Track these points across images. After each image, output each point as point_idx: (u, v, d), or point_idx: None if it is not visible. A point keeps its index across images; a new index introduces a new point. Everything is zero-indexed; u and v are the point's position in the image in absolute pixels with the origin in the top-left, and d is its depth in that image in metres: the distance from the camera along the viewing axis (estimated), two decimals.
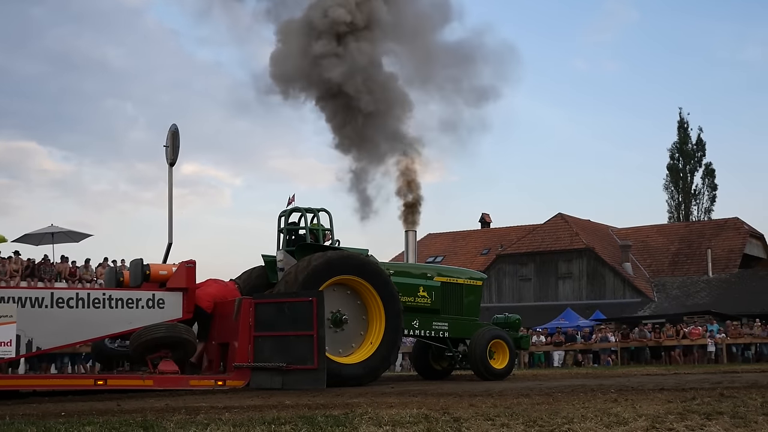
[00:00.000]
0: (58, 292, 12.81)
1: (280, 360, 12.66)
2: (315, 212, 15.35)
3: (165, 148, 14.80)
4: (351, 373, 13.70)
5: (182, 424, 6.31)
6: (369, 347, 14.26)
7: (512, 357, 16.37)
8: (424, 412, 7.17)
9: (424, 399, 9.47)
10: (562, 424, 5.99)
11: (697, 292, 39.55)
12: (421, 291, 16.13)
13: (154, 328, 12.76)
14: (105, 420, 6.80)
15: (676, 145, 57.93)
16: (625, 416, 6.46)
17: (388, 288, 14.50)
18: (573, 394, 9.71)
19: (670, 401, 8.05)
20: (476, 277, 17.86)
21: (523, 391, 10.57)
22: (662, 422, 6.03)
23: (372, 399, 9.60)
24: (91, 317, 12.63)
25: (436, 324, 16.22)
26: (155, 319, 12.93)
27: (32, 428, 5.93)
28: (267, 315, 13.04)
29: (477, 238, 48.71)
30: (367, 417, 6.70)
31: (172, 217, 14.66)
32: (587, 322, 33.80)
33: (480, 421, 6.29)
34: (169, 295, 13.26)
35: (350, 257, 14.50)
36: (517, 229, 46.93)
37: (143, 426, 6.10)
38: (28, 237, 29.61)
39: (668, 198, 58.21)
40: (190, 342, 13.11)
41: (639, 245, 43.67)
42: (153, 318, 12.89)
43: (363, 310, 14.48)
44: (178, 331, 12.93)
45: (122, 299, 12.89)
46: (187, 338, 13.06)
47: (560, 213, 44.33)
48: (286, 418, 6.70)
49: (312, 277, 13.62)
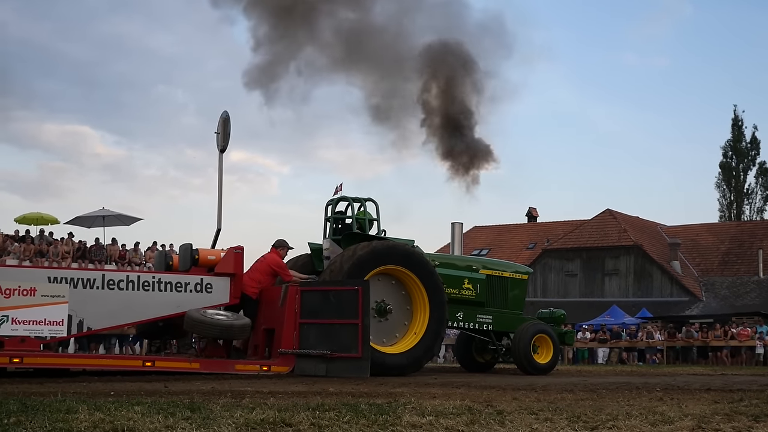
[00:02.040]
0: (109, 274, 13.03)
1: (325, 347, 12.75)
2: (362, 202, 15.40)
3: (216, 134, 14.94)
4: (394, 363, 13.74)
5: (228, 407, 6.40)
6: (413, 337, 14.28)
7: (556, 352, 16.28)
8: (468, 404, 7.17)
9: (467, 391, 9.47)
10: (606, 420, 5.96)
11: (747, 293, 38.90)
12: (466, 283, 16.10)
13: (210, 328, 12.75)
14: (153, 401, 6.93)
15: (729, 143, 57.06)
16: (670, 415, 6.40)
17: (433, 279, 14.51)
18: (618, 392, 9.63)
19: (717, 402, 7.95)
20: (522, 270, 17.78)
21: (566, 387, 10.51)
22: (708, 422, 5.97)
23: (415, 389, 9.63)
24: (141, 300, 12.82)
25: (480, 316, 16.20)
26: (203, 303, 13.09)
27: (83, 406, 6.05)
28: (313, 302, 13.13)
29: (523, 232, 48.47)
30: (411, 407, 6.73)
31: (222, 203, 14.84)
32: (633, 320, 33.46)
33: (523, 415, 6.28)
34: (217, 279, 13.41)
35: (395, 247, 14.53)
36: (564, 224, 46.58)
37: (190, 408, 6.20)
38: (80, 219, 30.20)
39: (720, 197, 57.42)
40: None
41: (688, 243, 43.06)
42: (201, 302, 13.05)
43: (407, 300, 14.50)
44: (231, 334, 13.00)
45: (171, 283, 13.05)
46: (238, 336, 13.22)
47: (608, 209, 43.90)
48: (330, 404, 6.75)
49: (357, 267, 13.68)
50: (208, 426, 5.10)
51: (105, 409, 5.90)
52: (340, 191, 15.74)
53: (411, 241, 15.44)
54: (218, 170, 14.89)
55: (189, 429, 4.91)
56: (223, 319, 12.84)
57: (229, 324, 12.76)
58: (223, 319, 12.83)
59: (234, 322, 12.87)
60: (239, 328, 12.93)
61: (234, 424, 5.26)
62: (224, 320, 12.80)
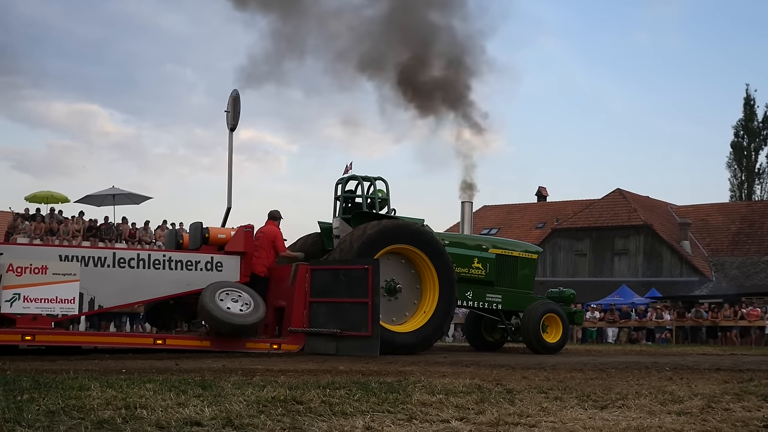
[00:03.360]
0: (119, 252, 13.07)
1: (335, 326, 12.80)
2: (372, 180, 15.40)
3: (226, 113, 14.94)
4: (404, 342, 13.79)
5: (239, 385, 6.43)
6: (422, 316, 14.32)
7: (565, 331, 16.31)
8: (477, 382, 7.20)
9: (476, 370, 9.50)
10: (616, 399, 5.97)
11: (757, 273, 38.78)
12: (476, 262, 16.12)
13: (223, 325, 12.46)
14: (165, 378, 6.96)
15: (741, 122, 56.72)
16: (680, 394, 6.41)
17: (443, 258, 14.51)
18: (627, 371, 9.64)
19: (727, 381, 7.96)
20: (531, 250, 17.78)
21: (576, 366, 10.53)
22: (718, 402, 5.97)
23: (425, 368, 9.66)
24: (152, 278, 12.85)
25: (489, 296, 16.22)
26: (213, 281, 13.09)
27: (96, 383, 6.09)
28: (323, 281, 13.17)
29: (533, 212, 48.38)
30: (420, 385, 6.75)
31: (232, 182, 14.86)
32: (642, 300, 33.43)
33: (533, 394, 6.30)
34: (227, 258, 13.43)
35: (405, 226, 14.53)
36: (573, 204, 46.47)
37: (202, 385, 6.23)
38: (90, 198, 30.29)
39: (731, 176, 57.19)
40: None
41: (698, 223, 42.91)
42: (211, 280, 13.07)
43: (417, 279, 14.52)
44: (243, 332, 12.74)
45: (182, 261, 13.08)
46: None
47: (618, 188, 43.76)
48: (341, 383, 6.78)
49: (367, 246, 13.70)
50: (219, 403, 5.13)
51: (117, 387, 5.94)
52: (350, 170, 15.74)
53: (421, 220, 15.45)
54: (228, 148, 14.91)
55: (201, 406, 4.93)
56: (237, 317, 12.52)
57: (241, 324, 12.48)
58: (236, 317, 12.52)
59: (246, 320, 12.58)
60: (251, 326, 12.74)
61: (245, 401, 5.29)
62: (237, 319, 12.50)
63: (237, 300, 12.83)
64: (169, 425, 4.28)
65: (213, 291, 12.74)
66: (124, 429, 4.12)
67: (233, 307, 12.68)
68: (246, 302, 12.86)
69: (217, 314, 12.43)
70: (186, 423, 4.36)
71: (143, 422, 4.33)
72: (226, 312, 12.51)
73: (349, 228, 14.55)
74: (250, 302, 12.89)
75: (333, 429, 4.33)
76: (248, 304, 12.86)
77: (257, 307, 12.88)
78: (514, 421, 4.76)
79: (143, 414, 4.61)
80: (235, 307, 12.70)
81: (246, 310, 12.77)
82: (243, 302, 12.85)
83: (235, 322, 12.45)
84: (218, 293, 12.75)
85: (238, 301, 12.82)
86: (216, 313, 12.43)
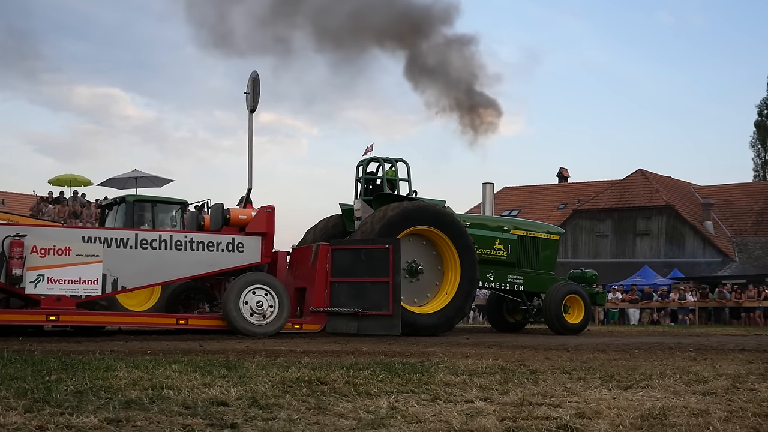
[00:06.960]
0: (142, 233, 13.14)
1: (356, 306, 12.84)
2: (393, 162, 15.38)
3: (245, 94, 14.96)
4: (426, 323, 13.81)
5: (263, 365, 6.47)
6: (444, 297, 14.33)
7: (587, 312, 16.28)
8: (500, 363, 7.19)
9: (499, 351, 9.50)
10: (640, 380, 5.94)
11: None
12: (497, 243, 16.09)
13: (242, 333, 12.32)
14: (189, 359, 7.01)
15: (765, 101, 56.24)
16: (704, 375, 6.37)
17: (464, 239, 14.49)
18: (650, 352, 9.61)
19: (751, 362, 7.91)
20: (553, 231, 17.72)
21: (599, 347, 10.50)
22: (743, 382, 5.93)
23: (448, 349, 9.67)
24: (174, 259, 12.91)
25: (511, 277, 16.20)
26: (235, 262, 13.16)
27: (122, 364, 6.15)
28: (344, 261, 13.20)
29: (554, 193, 48.18)
30: (444, 366, 6.76)
31: (252, 163, 14.89)
32: (665, 281, 33.24)
33: (556, 374, 6.29)
34: (248, 239, 13.45)
35: (426, 208, 14.52)
36: (595, 185, 46.23)
37: (226, 366, 6.27)
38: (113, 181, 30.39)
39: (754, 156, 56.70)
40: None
41: (721, 204, 42.56)
42: (233, 261, 13.13)
43: (438, 260, 14.52)
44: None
45: (203, 242, 13.12)
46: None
47: (640, 169, 43.48)
48: (364, 363, 6.80)
49: (388, 227, 13.70)
50: (244, 384, 5.15)
51: (143, 367, 5.99)
52: (371, 152, 15.73)
53: (442, 202, 15.43)
54: (248, 130, 14.95)
55: (226, 387, 4.96)
56: (257, 327, 12.44)
57: (262, 333, 12.39)
58: (257, 327, 12.43)
59: (267, 330, 12.48)
60: (270, 334, 12.61)
61: (270, 382, 5.31)
62: (258, 329, 12.39)
63: (262, 303, 12.68)
64: (196, 405, 4.30)
65: (240, 289, 12.62)
66: (151, 409, 4.15)
67: (256, 310, 12.59)
68: (271, 305, 12.73)
69: (238, 325, 12.43)
70: (212, 403, 4.39)
71: (170, 402, 4.36)
72: (246, 323, 12.48)
73: (371, 210, 14.56)
74: (275, 304, 12.74)
75: (358, 409, 4.34)
76: (272, 306, 12.72)
77: (281, 311, 12.73)
78: (538, 401, 4.75)
79: (170, 394, 4.65)
80: (259, 310, 12.61)
81: (269, 317, 12.66)
82: (268, 305, 12.72)
83: (256, 332, 12.41)
84: (245, 292, 12.63)
85: (263, 304, 12.68)
86: (237, 324, 12.42)
